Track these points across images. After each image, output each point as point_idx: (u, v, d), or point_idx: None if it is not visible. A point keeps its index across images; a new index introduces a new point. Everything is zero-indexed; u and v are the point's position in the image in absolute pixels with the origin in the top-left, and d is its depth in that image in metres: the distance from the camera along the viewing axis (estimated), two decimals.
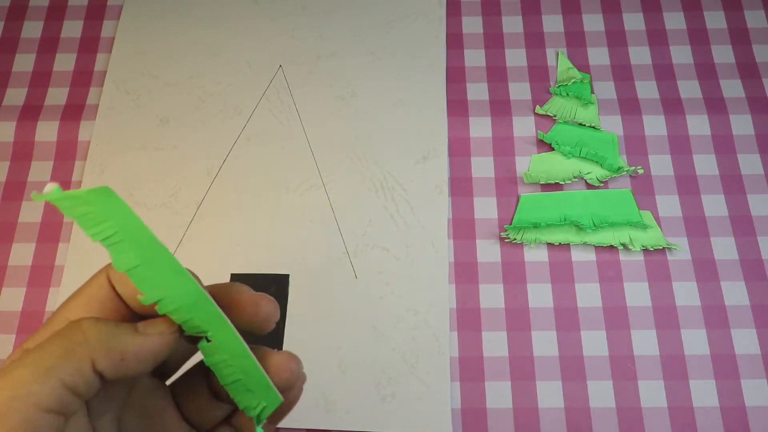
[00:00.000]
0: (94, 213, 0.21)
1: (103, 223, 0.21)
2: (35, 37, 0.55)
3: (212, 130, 0.50)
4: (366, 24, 0.54)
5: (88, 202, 0.21)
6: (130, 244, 0.21)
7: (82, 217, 0.21)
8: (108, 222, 0.21)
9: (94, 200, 0.21)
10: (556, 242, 0.46)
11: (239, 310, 0.24)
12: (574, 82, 0.51)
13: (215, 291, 0.24)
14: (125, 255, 0.21)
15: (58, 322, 0.22)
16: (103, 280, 0.23)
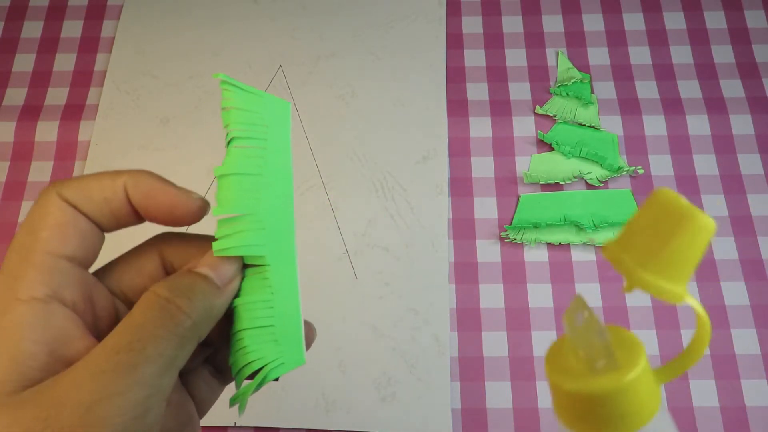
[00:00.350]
0: (257, 115, 0.21)
1: (256, 126, 0.21)
2: (35, 37, 0.55)
3: (212, 130, 0.50)
4: (366, 24, 0.54)
5: (262, 104, 0.21)
6: (265, 157, 0.21)
7: (242, 111, 0.20)
8: (261, 129, 0.21)
9: (269, 105, 0.21)
10: (556, 242, 0.46)
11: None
12: (574, 82, 0.51)
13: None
14: (251, 161, 0.21)
15: (38, 259, 0.20)
16: (58, 201, 0.21)
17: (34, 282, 0.19)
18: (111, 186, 0.21)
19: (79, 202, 0.21)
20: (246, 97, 0.21)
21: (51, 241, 0.20)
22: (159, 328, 0.19)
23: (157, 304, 0.19)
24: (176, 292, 0.20)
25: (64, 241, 0.20)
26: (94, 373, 0.18)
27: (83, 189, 0.21)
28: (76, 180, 0.21)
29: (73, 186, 0.21)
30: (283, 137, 0.22)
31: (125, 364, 0.18)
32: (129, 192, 0.21)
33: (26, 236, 0.20)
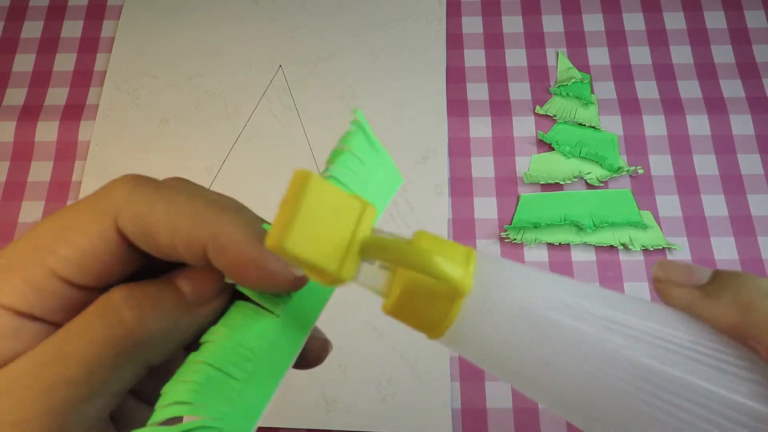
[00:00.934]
0: (366, 171, 0.19)
1: (358, 179, 0.19)
2: (35, 37, 0.55)
3: (212, 130, 0.50)
4: (366, 24, 0.54)
5: (378, 163, 0.19)
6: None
7: (354, 159, 0.19)
8: (361, 185, 0.19)
9: (384, 169, 0.19)
10: (556, 242, 0.46)
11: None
12: (574, 82, 0.51)
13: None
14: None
15: (41, 275, 0.17)
16: (110, 230, 0.17)
17: (18, 295, 0.17)
18: (187, 236, 0.17)
19: (135, 237, 0.17)
20: (368, 149, 0.19)
21: (65, 265, 0.17)
22: (91, 343, 0.16)
23: (101, 311, 0.16)
24: (130, 301, 0.17)
25: (82, 272, 0.17)
26: (4, 388, 0.16)
27: (148, 224, 0.17)
28: (146, 204, 0.17)
29: (137, 214, 0.17)
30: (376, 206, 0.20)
31: (39, 385, 0.15)
32: (210, 253, 0.17)
33: (49, 238, 0.17)
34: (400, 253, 0.15)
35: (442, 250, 0.16)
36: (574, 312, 0.16)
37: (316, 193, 0.15)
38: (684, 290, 0.15)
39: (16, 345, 0.17)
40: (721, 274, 0.15)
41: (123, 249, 0.18)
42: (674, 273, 0.15)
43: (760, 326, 0.14)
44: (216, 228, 0.17)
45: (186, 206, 0.17)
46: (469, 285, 0.16)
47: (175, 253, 0.17)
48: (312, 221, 0.15)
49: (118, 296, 0.17)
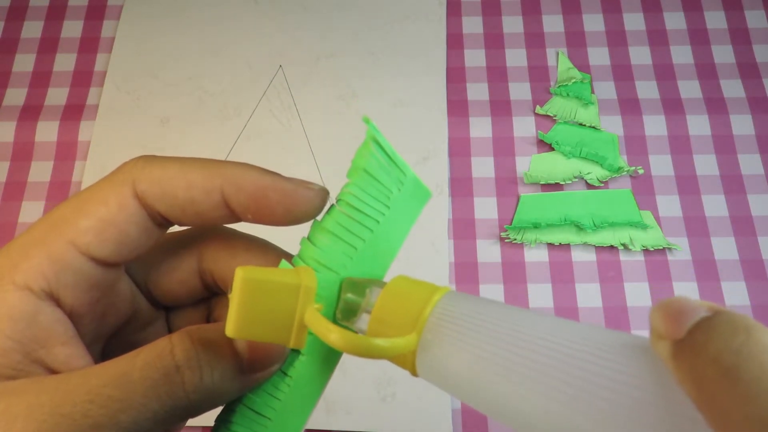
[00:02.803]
0: (385, 192, 0.19)
1: (379, 204, 0.19)
2: (35, 37, 0.55)
3: (212, 130, 0.50)
4: (366, 24, 0.54)
5: (399, 180, 0.19)
6: (368, 235, 0.19)
7: (372, 180, 0.18)
8: (379, 209, 0.19)
9: (408, 186, 0.19)
10: (556, 242, 0.46)
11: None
12: (575, 82, 0.51)
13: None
14: (351, 233, 0.19)
15: (60, 248, 0.18)
16: (129, 198, 0.18)
17: (38, 270, 0.17)
18: (203, 185, 0.18)
19: (154, 199, 0.18)
20: (387, 165, 0.19)
21: (85, 236, 0.18)
22: (148, 398, 0.16)
23: (164, 367, 0.17)
24: (192, 363, 0.17)
25: (101, 242, 0.18)
26: (55, 409, 0.16)
27: (165, 183, 0.18)
28: (161, 167, 0.18)
29: (153, 178, 0.18)
30: (399, 229, 0.20)
31: (91, 420, 0.16)
32: (228, 194, 0.18)
33: (70, 212, 0.18)
34: (337, 340, 0.17)
35: (391, 320, 0.18)
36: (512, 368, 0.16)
37: (250, 288, 0.17)
38: (663, 344, 0.14)
39: (33, 330, 0.17)
40: (695, 331, 0.13)
41: (141, 216, 0.18)
42: (658, 322, 0.14)
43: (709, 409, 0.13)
44: (228, 171, 0.18)
45: (196, 162, 0.18)
46: (412, 350, 0.18)
47: (193, 206, 0.18)
48: (252, 310, 0.17)
49: (181, 351, 0.17)
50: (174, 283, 0.21)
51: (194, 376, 0.17)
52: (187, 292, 0.21)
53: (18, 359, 0.17)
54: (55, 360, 0.17)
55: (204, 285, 0.21)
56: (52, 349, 0.17)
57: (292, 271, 0.18)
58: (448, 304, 0.18)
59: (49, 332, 0.17)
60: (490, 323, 0.17)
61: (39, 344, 0.17)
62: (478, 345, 0.17)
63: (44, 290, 0.17)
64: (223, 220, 0.19)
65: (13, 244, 0.18)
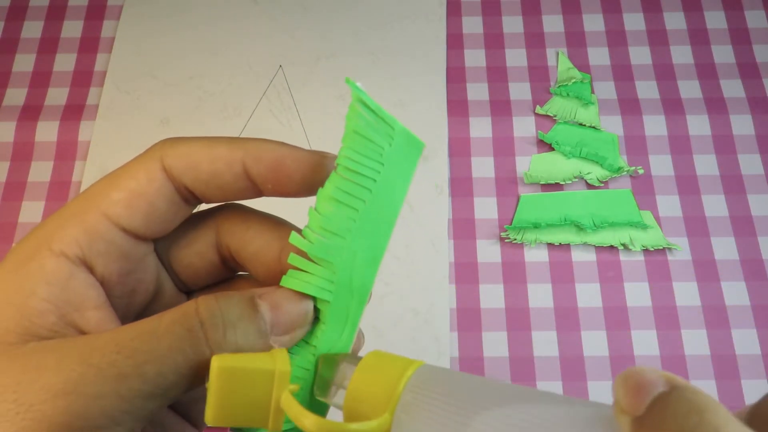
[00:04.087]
0: (378, 149, 0.19)
1: (371, 162, 0.19)
2: (35, 37, 0.55)
3: (212, 130, 0.50)
4: (366, 24, 0.54)
5: (389, 135, 0.19)
6: (368, 195, 0.19)
7: (363, 140, 0.18)
8: (375, 166, 0.19)
9: (399, 139, 0.19)
10: (556, 242, 0.46)
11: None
12: (575, 82, 0.51)
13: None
14: (351, 196, 0.19)
15: (93, 219, 0.19)
16: (157, 172, 0.19)
17: (73, 239, 0.18)
18: (226, 158, 0.19)
19: (180, 172, 0.19)
20: (375, 123, 0.19)
21: (115, 207, 0.19)
22: (172, 350, 0.17)
23: (188, 323, 0.17)
24: (215, 320, 0.18)
25: (130, 213, 0.19)
26: (83, 360, 0.17)
27: (191, 157, 0.19)
28: (187, 144, 0.19)
29: (180, 153, 0.19)
30: (398, 183, 0.20)
31: (117, 370, 0.17)
32: (249, 166, 0.19)
33: (102, 186, 0.19)
34: (311, 426, 0.17)
35: (365, 397, 0.18)
36: None
37: (225, 376, 0.17)
38: (625, 418, 0.14)
39: (67, 293, 0.18)
40: (652, 409, 0.14)
41: (168, 189, 0.19)
42: (621, 394, 0.14)
43: None
44: (249, 144, 0.19)
45: (220, 139, 0.20)
46: (386, 430, 0.18)
47: (216, 179, 0.19)
48: (229, 397, 0.17)
49: (206, 313, 0.18)
50: (193, 255, 0.22)
51: (217, 333, 0.18)
52: (205, 267, 0.22)
53: (53, 321, 0.18)
54: (88, 323, 0.18)
55: (222, 260, 0.22)
56: (85, 312, 0.18)
57: (267, 355, 0.18)
58: (420, 380, 0.18)
59: (82, 296, 0.18)
60: (460, 403, 0.17)
61: (73, 307, 0.18)
62: (442, 422, 0.17)
63: (78, 257, 0.18)
64: (244, 193, 0.20)
65: (50, 218, 0.19)
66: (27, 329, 0.17)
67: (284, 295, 0.19)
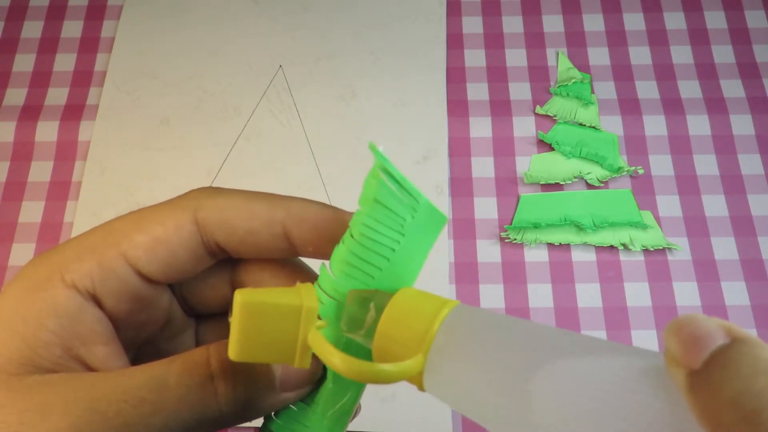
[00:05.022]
0: (399, 221, 0.18)
1: (393, 233, 0.18)
2: (35, 37, 0.55)
3: (212, 130, 0.50)
4: (366, 24, 0.54)
5: (413, 208, 0.18)
6: (385, 264, 0.18)
7: (385, 209, 0.18)
8: (393, 239, 0.18)
9: (421, 212, 0.18)
10: (556, 242, 0.46)
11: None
12: (575, 82, 0.51)
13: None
14: (368, 263, 0.18)
15: (111, 257, 0.18)
16: (187, 222, 0.19)
17: (87, 273, 0.18)
18: (265, 217, 0.19)
19: (214, 227, 0.18)
20: (399, 193, 0.18)
21: (136, 250, 0.18)
22: (181, 403, 0.17)
23: (199, 375, 0.17)
24: (227, 373, 0.17)
25: (150, 259, 0.18)
26: (90, 406, 0.16)
27: (227, 212, 0.18)
28: (225, 197, 0.19)
29: (216, 206, 0.19)
30: (417, 253, 0.20)
31: (123, 419, 0.16)
32: (290, 227, 0.19)
33: (129, 224, 0.18)
34: (339, 365, 0.16)
35: (396, 336, 0.18)
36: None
37: (250, 311, 0.17)
38: (679, 371, 0.13)
39: (76, 327, 0.18)
40: (711, 365, 0.12)
41: (195, 242, 0.19)
42: (674, 345, 0.13)
43: None
44: (291, 204, 0.19)
45: (260, 195, 0.19)
46: (419, 372, 0.17)
47: (253, 237, 0.19)
48: (254, 333, 0.17)
49: (216, 360, 0.17)
50: (207, 288, 0.21)
51: (228, 388, 0.17)
52: (217, 299, 0.22)
53: (58, 354, 0.17)
54: (94, 358, 0.18)
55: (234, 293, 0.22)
56: (92, 347, 0.18)
57: (293, 290, 0.18)
58: (457, 320, 0.17)
59: (90, 331, 0.18)
60: (500, 344, 0.16)
61: (80, 341, 0.18)
62: (488, 368, 0.16)
63: (89, 291, 0.18)
64: (280, 253, 0.19)
65: (69, 244, 0.19)
66: (30, 360, 0.17)
67: None
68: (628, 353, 0.15)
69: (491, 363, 0.16)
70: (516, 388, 0.15)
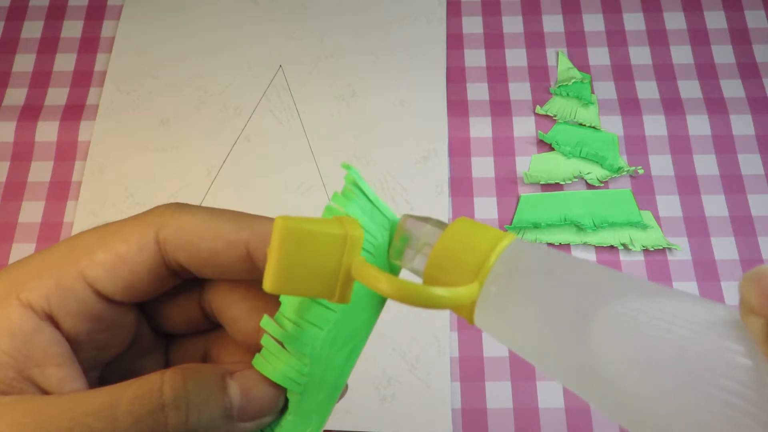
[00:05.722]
0: (371, 239, 0.17)
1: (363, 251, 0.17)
2: (35, 37, 0.55)
3: (212, 130, 0.50)
4: (366, 24, 0.54)
5: (383, 227, 0.18)
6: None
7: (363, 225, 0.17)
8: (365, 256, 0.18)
9: (391, 232, 0.18)
10: (556, 242, 0.46)
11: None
12: (575, 82, 0.51)
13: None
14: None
15: (70, 275, 0.18)
16: (150, 241, 0.18)
17: (44, 292, 0.17)
18: (229, 237, 0.18)
19: (175, 247, 0.18)
20: (370, 211, 0.18)
21: (96, 269, 0.18)
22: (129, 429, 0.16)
23: (150, 403, 0.16)
24: (179, 402, 0.16)
25: (110, 278, 0.18)
26: (37, 430, 0.16)
27: (190, 231, 0.18)
28: (188, 215, 0.18)
29: (179, 225, 0.18)
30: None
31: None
32: (254, 248, 0.18)
33: (90, 240, 0.18)
34: (389, 289, 0.15)
35: (451, 265, 0.17)
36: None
37: (291, 238, 0.16)
38: (756, 321, 0.12)
39: (30, 348, 0.17)
40: None
41: (157, 262, 0.18)
42: (751, 294, 0.13)
43: None
44: (257, 225, 0.18)
45: (225, 214, 0.18)
46: (473, 301, 0.16)
47: (216, 258, 0.18)
48: (293, 263, 0.16)
49: (170, 388, 0.17)
50: (173, 307, 0.21)
51: (179, 418, 0.16)
52: (185, 319, 0.21)
53: (12, 375, 0.17)
54: (48, 381, 0.17)
55: (203, 314, 0.21)
56: (46, 369, 0.17)
57: (335, 220, 0.17)
58: (516, 253, 0.16)
59: (45, 352, 0.17)
60: (561, 281, 0.15)
61: (33, 363, 0.17)
62: (547, 303, 0.15)
63: (45, 312, 0.17)
64: (246, 274, 0.19)
65: (30, 260, 0.18)
66: None
67: (256, 378, 0.18)
68: (699, 301, 0.14)
69: (551, 298, 0.15)
70: (576, 326, 0.15)
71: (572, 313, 0.15)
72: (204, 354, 0.22)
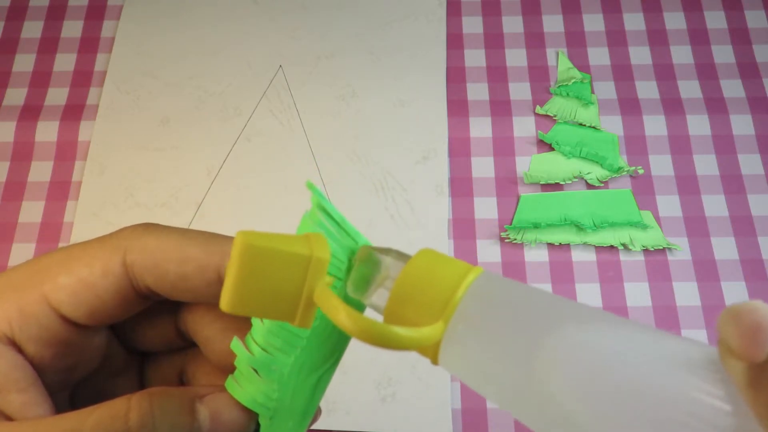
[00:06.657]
0: (339, 264, 0.17)
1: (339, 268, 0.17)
2: (35, 37, 0.55)
3: (212, 130, 0.50)
4: (366, 24, 0.54)
5: (351, 250, 0.17)
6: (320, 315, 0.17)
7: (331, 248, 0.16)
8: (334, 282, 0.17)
9: (362, 258, 0.17)
10: (556, 242, 0.46)
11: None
12: (575, 82, 0.51)
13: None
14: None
15: (33, 299, 0.17)
16: (115, 265, 0.17)
17: (5, 317, 0.17)
18: (198, 261, 0.17)
19: (143, 271, 0.17)
20: (336, 234, 0.17)
21: (59, 293, 0.17)
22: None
23: (116, 429, 0.16)
24: (146, 428, 0.16)
25: (74, 302, 0.17)
26: None
27: (159, 257, 0.17)
28: (156, 238, 0.17)
29: (146, 248, 0.17)
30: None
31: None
32: (225, 275, 0.17)
33: (54, 263, 0.17)
34: (349, 324, 0.15)
35: (413, 301, 0.16)
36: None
37: (251, 256, 0.15)
38: (736, 365, 0.12)
39: None
40: None
41: (123, 286, 0.18)
42: (731, 336, 0.12)
43: None
44: (228, 248, 0.17)
45: (197, 236, 0.18)
46: (437, 341, 0.15)
47: (185, 282, 0.17)
48: (252, 282, 0.15)
49: (136, 413, 0.16)
50: (148, 327, 0.20)
51: None
52: (160, 339, 0.21)
53: None
54: (9, 406, 0.17)
55: (179, 333, 0.21)
56: (7, 395, 0.17)
57: (301, 238, 0.16)
58: (483, 289, 0.15)
59: (6, 378, 0.17)
60: (519, 316, 0.15)
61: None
62: (518, 344, 0.14)
63: (7, 336, 0.17)
64: (216, 298, 0.17)
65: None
66: None
67: (226, 402, 0.17)
68: (669, 338, 0.14)
69: (507, 335, 0.15)
70: (522, 357, 0.14)
71: (522, 345, 0.14)
72: (180, 372, 0.22)
